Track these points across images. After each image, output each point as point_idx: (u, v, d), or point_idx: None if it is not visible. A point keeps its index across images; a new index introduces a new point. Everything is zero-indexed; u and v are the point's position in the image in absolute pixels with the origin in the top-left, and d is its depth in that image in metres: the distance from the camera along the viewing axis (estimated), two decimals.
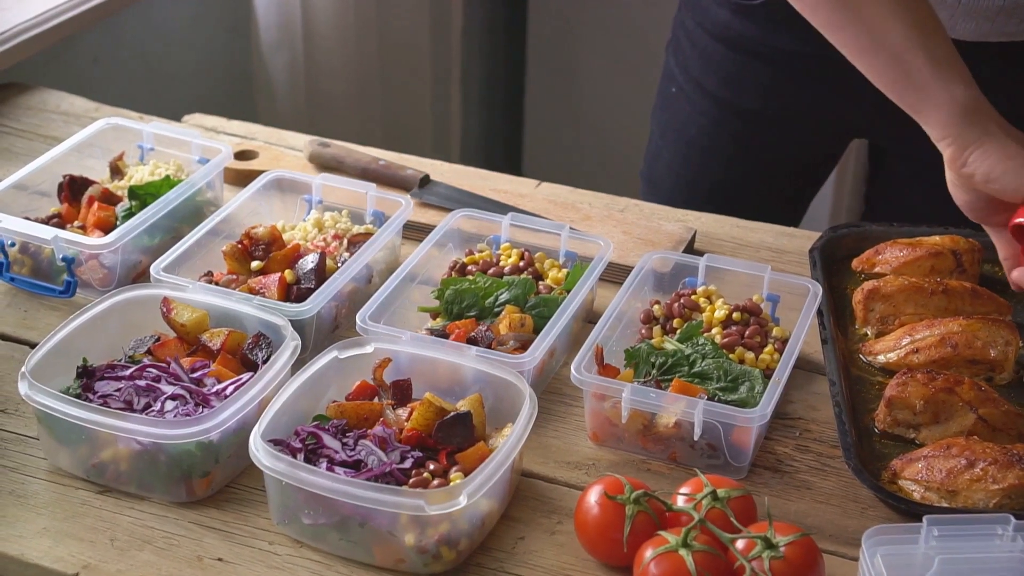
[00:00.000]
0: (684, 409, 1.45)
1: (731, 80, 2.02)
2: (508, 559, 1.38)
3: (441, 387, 1.50)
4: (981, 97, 1.52)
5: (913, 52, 1.52)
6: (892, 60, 1.53)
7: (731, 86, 2.02)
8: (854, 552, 1.38)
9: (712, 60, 2.02)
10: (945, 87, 1.51)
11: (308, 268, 1.67)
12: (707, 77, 2.05)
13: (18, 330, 1.70)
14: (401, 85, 3.32)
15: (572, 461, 1.51)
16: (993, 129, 1.50)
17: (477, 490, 1.32)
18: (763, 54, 1.95)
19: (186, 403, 1.46)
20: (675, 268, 1.72)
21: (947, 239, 1.76)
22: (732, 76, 2.01)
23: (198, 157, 1.93)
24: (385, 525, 1.33)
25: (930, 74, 1.51)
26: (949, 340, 1.59)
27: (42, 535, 1.39)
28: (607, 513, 1.34)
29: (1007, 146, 1.48)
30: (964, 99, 1.50)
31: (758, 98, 2.01)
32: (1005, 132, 1.50)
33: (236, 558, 1.37)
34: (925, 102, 1.52)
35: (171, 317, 1.57)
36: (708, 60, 2.03)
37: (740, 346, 1.59)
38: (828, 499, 1.46)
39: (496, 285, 1.66)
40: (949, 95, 1.50)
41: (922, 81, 1.52)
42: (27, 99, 2.24)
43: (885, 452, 1.51)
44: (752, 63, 1.98)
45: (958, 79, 1.51)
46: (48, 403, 1.41)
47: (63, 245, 1.71)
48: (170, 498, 1.44)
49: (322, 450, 1.40)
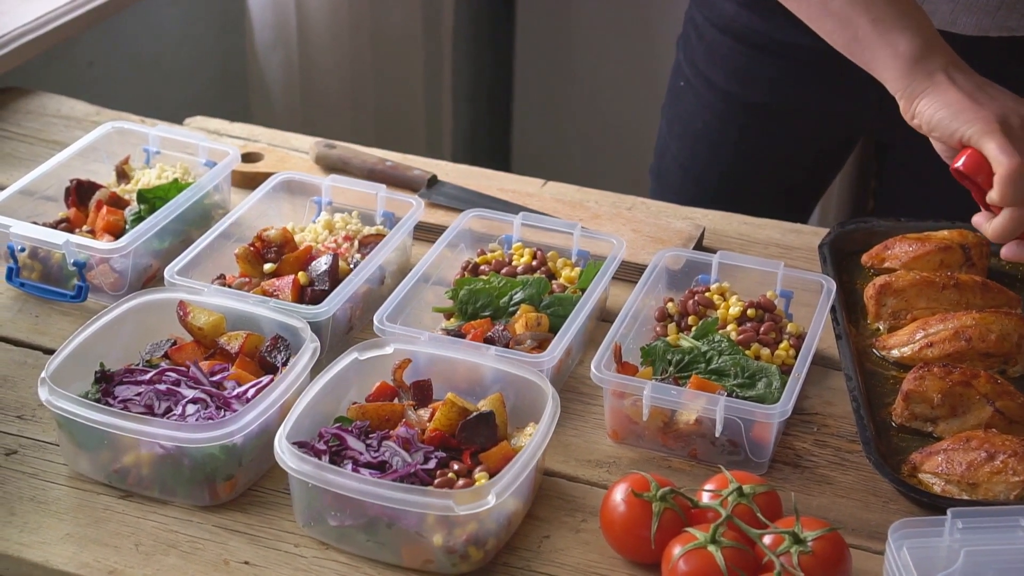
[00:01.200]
0: (705, 406, 1.46)
1: (738, 74, 2.03)
2: (535, 558, 1.38)
3: (460, 387, 1.51)
4: (930, 45, 1.55)
5: (856, 13, 1.57)
6: (839, 24, 1.59)
7: (738, 80, 2.03)
8: (877, 546, 1.39)
9: (719, 54, 2.03)
10: (887, 43, 1.55)
11: (322, 270, 1.67)
12: (714, 70, 2.06)
13: (31, 335, 1.69)
14: (394, 83, 3.32)
15: (593, 459, 1.52)
16: (939, 78, 1.53)
17: (505, 489, 1.32)
18: (770, 48, 1.96)
19: (207, 407, 1.45)
20: (686, 265, 1.72)
21: (955, 233, 1.78)
22: (739, 70, 2.02)
23: (204, 160, 1.93)
24: (413, 526, 1.33)
25: (872, 33, 1.56)
26: (963, 334, 1.60)
27: (66, 541, 1.39)
28: (634, 510, 1.34)
29: (947, 92, 1.52)
30: (908, 51, 1.54)
31: (765, 92, 2.02)
32: (950, 79, 1.53)
33: (262, 561, 1.37)
34: (874, 61, 1.57)
35: (188, 321, 1.56)
36: (715, 54, 2.04)
37: (756, 342, 1.60)
38: (849, 493, 1.47)
39: (510, 285, 1.67)
40: (892, 50, 1.54)
41: (867, 41, 1.56)
42: (26, 103, 2.23)
43: (903, 446, 1.52)
44: (759, 56, 1.99)
45: (901, 33, 1.54)
46: (70, 408, 1.41)
47: (74, 250, 1.70)
48: (193, 502, 1.44)
49: (346, 452, 1.40)
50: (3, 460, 1.49)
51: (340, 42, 3.09)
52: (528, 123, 3.89)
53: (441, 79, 3.50)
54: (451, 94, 3.56)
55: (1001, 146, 1.46)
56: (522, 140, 3.93)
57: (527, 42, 3.77)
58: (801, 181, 2.16)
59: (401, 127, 3.40)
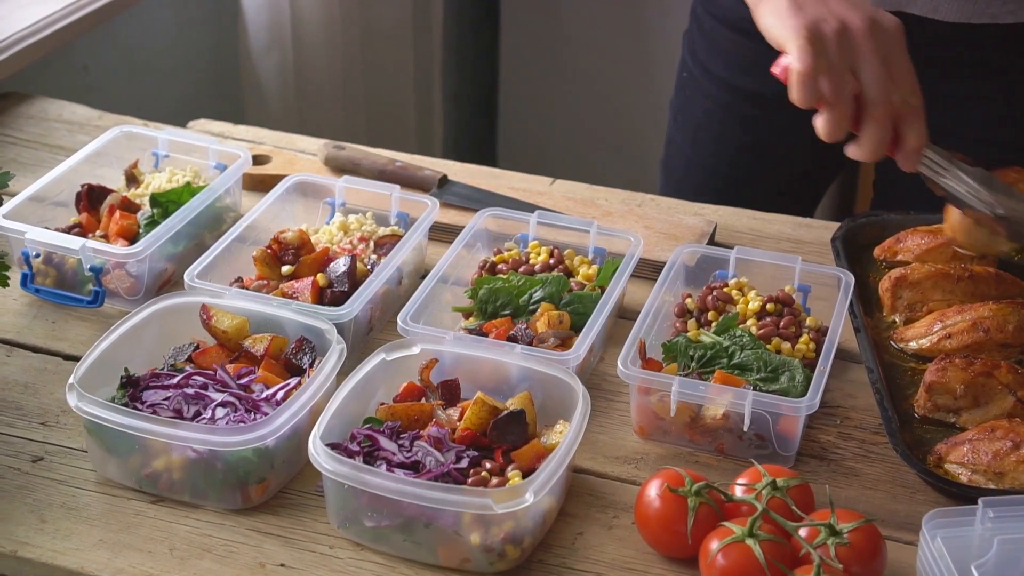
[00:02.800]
0: (733, 400, 1.47)
1: (737, 63, 2.04)
2: (570, 555, 1.39)
3: (487, 386, 1.51)
4: None
5: None
6: None
7: (738, 69, 2.04)
8: (908, 536, 1.41)
9: (720, 46, 2.05)
10: None
11: (340, 271, 1.67)
12: (714, 61, 2.08)
13: (48, 342, 1.68)
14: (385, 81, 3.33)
15: (620, 456, 1.52)
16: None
17: (542, 487, 1.32)
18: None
19: (236, 410, 1.45)
20: (700, 261, 1.73)
21: None
22: (738, 59, 2.04)
23: (215, 163, 1.93)
24: (450, 525, 1.33)
25: None
26: (981, 325, 1.61)
27: (99, 547, 1.39)
28: (669, 506, 1.35)
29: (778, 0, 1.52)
30: None
31: (763, 81, 2.03)
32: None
33: (298, 563, 1.37)
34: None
35: (212, 324, 1.56)
36: (717, 46, 2.06)
37: (776, 336, 1.61)
38: (876, 485, 1.48)
39: (530, 283, 1.67)
40: None
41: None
42: (27, 108, 2.22)
43: (927, 437, 1.53)
44: (757, 47, 2.00)
45: None
46: (101, 414, 1.41)
47: (91, 255, 1.69)
48: (225, 505, 1.43)
49: (379, 452, 1.41)
50: (30, 467, 1.49)
51: (333, 42, 3.08)
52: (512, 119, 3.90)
53: (431, 77, 3.50)
54: (441, 93, 3.57)
55: (798, 49, 1.47)
56: (507, 136, 3.94)
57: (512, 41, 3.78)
58: (805, 171, 2.17)
59: (393, 125, 3.40)
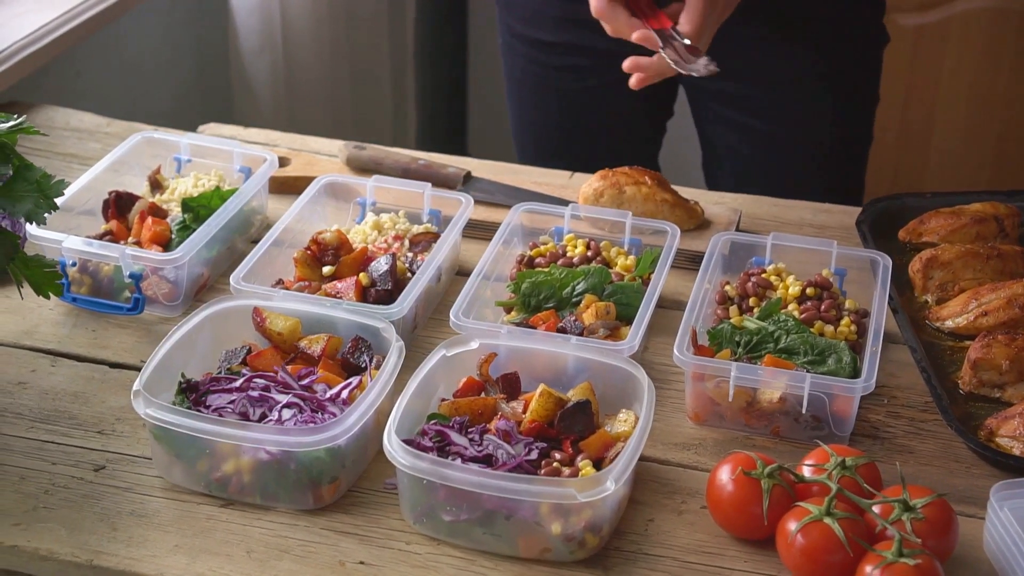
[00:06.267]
0: (790, 383, 1.50)
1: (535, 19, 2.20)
2: (644, 541, 1.41)
3: (543, 378, 1.53)
4: None
5: None
6: None
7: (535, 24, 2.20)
8: (968, 509, 1.44)
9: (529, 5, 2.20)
10: None
11: (383, 270, 1.68)
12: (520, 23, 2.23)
13: (92, 350, 1.68)
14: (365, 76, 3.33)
15: (679, 442, 1.55)
16: None
17: (621, 475, 1.34)
18: None
19: (303, 411, 1.46)
20: (733, 248, 1.76)
21: (988, 206, 1.84)
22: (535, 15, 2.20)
23: (239, 166, 1.92)
24: (531, 516, 1.35)
25: None
26: (1016, 302, 1.65)
27: (175, 553, 1.39)
28: (742, 489, 1.37)
29: None
30: None
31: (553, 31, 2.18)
32: None
33: (377, 560, 1.38)
34: None
35: (266, 326, 1.56)
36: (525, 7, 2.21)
37: (818, 320, 1.64)
38: (931, 461, 1.52)
39: (571, 275, 1.69)
40: None
41: None
42: (33, 117, 2.20)
43: (974, 412, 1.57)
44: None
45: None
46: (172, 420, 1.40)
47: (130, 261, 1.69)
48: (296, 506, 1.44)
49: (450, 447, 1.42)
50: (93, 476, 1.48)
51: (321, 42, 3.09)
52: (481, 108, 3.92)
53: (405, 73, 3.51)
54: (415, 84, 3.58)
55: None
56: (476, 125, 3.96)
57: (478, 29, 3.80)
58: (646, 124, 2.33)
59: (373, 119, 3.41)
